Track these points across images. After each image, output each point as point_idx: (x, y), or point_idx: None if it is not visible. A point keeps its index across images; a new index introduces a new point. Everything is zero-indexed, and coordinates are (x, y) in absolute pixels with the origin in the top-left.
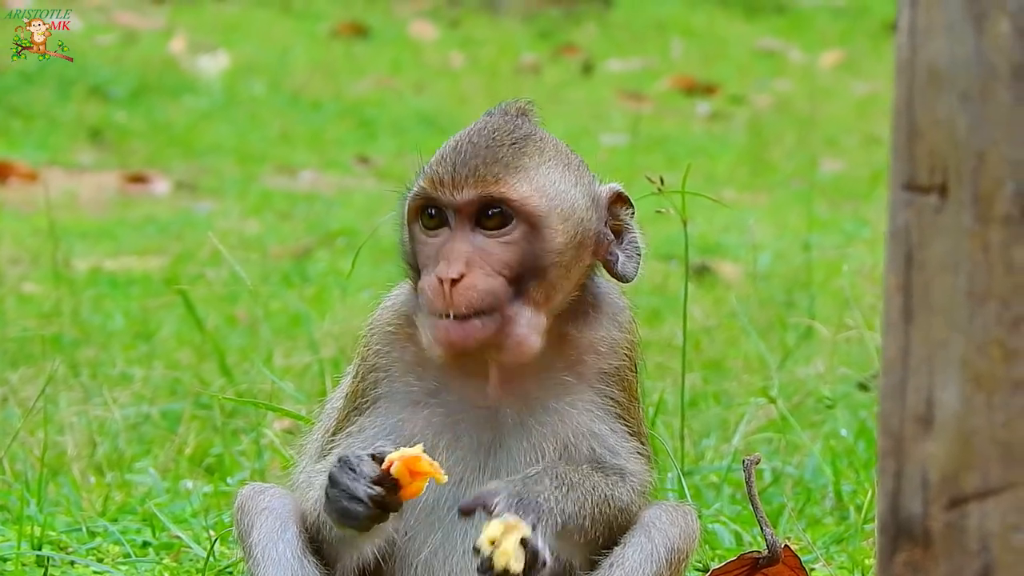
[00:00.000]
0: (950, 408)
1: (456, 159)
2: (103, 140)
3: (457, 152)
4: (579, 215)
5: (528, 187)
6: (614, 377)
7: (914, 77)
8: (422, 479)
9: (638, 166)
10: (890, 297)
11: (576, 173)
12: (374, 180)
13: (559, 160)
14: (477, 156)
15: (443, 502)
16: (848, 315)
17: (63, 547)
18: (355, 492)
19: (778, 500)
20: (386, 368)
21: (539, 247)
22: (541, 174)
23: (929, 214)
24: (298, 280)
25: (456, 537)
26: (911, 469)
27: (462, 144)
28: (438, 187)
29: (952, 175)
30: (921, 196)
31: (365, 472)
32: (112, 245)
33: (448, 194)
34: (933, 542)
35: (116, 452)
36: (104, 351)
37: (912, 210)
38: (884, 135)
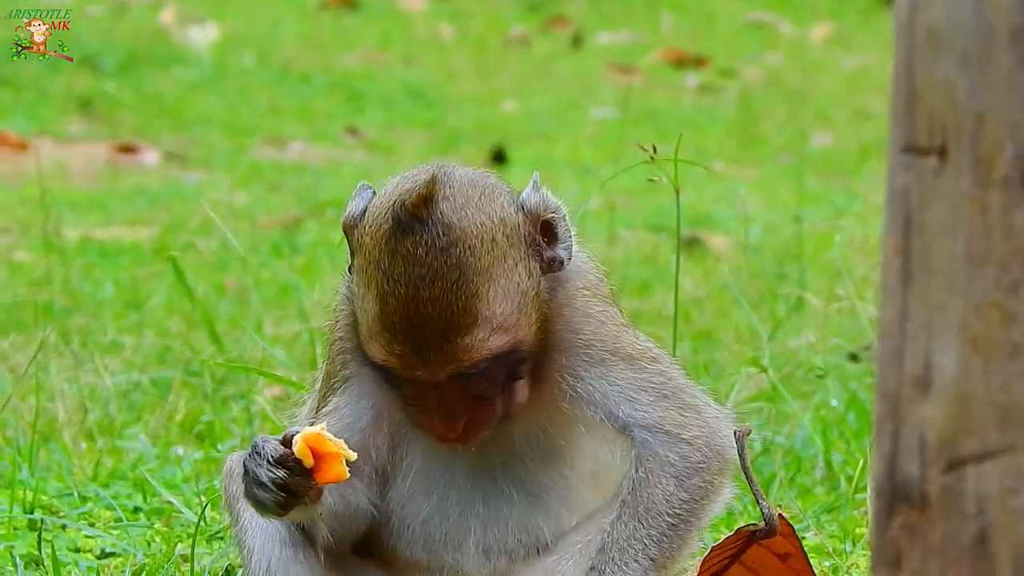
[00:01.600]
0: (948, 372)
1: (417, 341)
2: (93, 111)
3: (415, 333)
4: (530, 293)
5: (493, 337)
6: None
7: (913, 39)
8: (336, 461)
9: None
10: (888, 260)
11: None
12: (363, 152)
13: (491, 255)
14: (438, 334)
15: (435, 469)
16: (839, 286)
17: (55, 511)
18: (259, 476)
19: (769, 469)
20: (353, 351)
21: (515, 355)
22: (494, 301)
23: (928, 177)
24: (287, 250)
25: (451, 501)
26: (908, 432)
27: (415, 321)
28: (412, 372)
29: (952, 137)
30: (920, 158)
31: (267, 453)
32: (102, 215)
33: (427, 378)
34: (930, 505)
35: (107, 418)
36: (95, 319)
37: (911, 173)
38: (874, 109)
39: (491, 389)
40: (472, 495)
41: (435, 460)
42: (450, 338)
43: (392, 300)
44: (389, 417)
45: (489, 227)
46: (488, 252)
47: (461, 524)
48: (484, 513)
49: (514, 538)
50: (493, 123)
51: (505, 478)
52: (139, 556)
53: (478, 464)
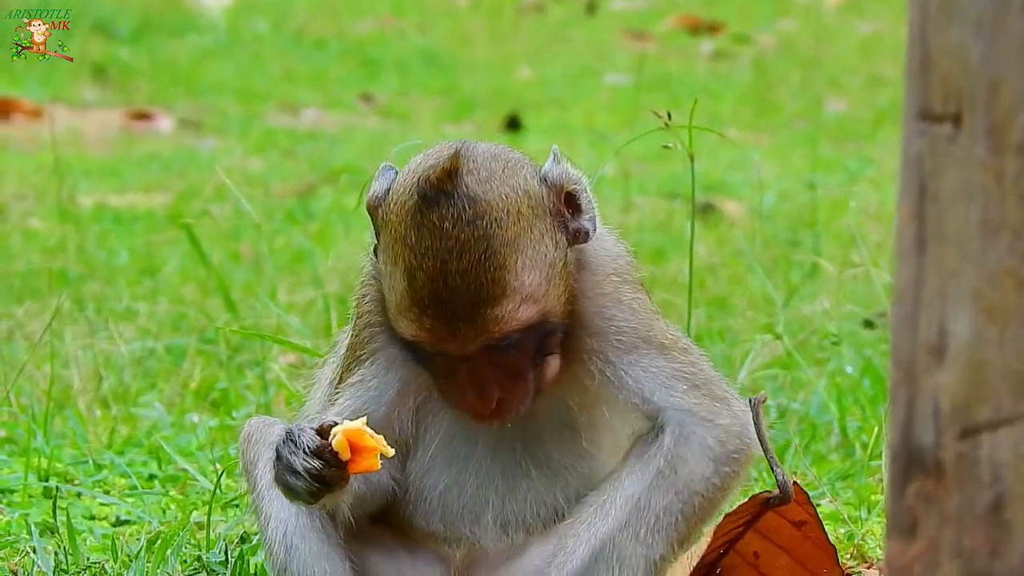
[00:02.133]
0: (962, 339)
1: (447, 313)
2: (107, 77)
3: (444, 305)
4: (558, 263)
5: (523, 307)
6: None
7: (927, 5)
8: (372, 454)
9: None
10: (903, 227)
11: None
12: (377, 118)
13: (522, 228)
14: (468, 305)
15: (456, 441)
16: (854, 253)
17: (70, 479)
18: (293, 465)
19: (784, 436)
20: (381, 324)
21: (544, 327)
22: (523, 271)
23: (943, 143)
24: (302, 217)
25: (470, 474)
26: (923, 399)
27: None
28: (440, 344)
29: (966, 104)
30: (935, 125)
31: (304, 444)
32: (116, 182)
33: (457, 351)
34: (945, 472)
35: (122, 386)
36: (109, 286)
37: (926, 139)
38: (888, 75)
39: (523, 363)
40: (491, 469)
41: (457, 434)
42: (480, 310)
43: (420, 274)
44: (415, 390)
45: (514, 199)
46: (514, 223)
47: (479, 497)
48: (503, 487)
49: (532, 512)
50: (507, 89)
51: (525, 453)
52: (154, 523)
53: (499, 439)
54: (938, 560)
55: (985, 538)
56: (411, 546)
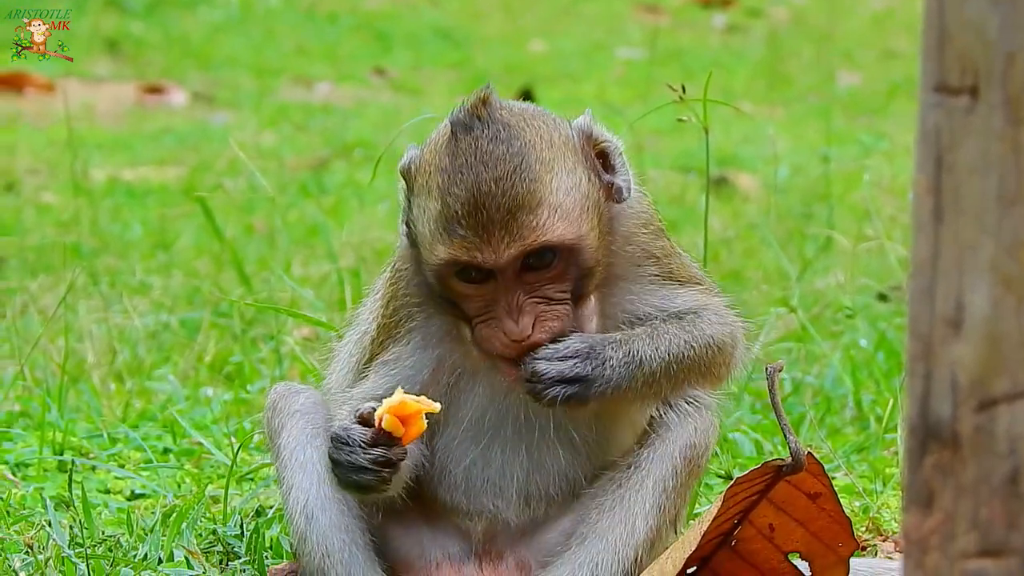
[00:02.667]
0: (980, 311)
1: (482, 217)
2: (120, 51)
3: (477, 209)
4: (592, 198)
5: (559, 222)
6: (643, 258)
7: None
8: (417, 418)
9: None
10: (920, 200)
11: (568, 153)
12: (390, 93)
13: (556, 156)
14: (499, 208)
15: (486, 420)
16: (867, 226)
17: (84, 453)
18: (357, 463)
19: (799, 410)
20: (419, 305)
21: (582, 261)
22: (558, 192)
23: (960, 116)
24: (315, 191)
25: (495, 450)
26: (940, 372)
27: (476, 196)
28: (474, 252)
29: (983, 77)
30: (951, 98)
31: (357, 440)
32: (129, 155)
33: (491, 258)
34: (962, 445)
35: (136, 360)
36: (123, 260)
37: (942, 112)
38: (902, 48)
39: (559, 294)
40: (517, 446)
41: (486, 411)
42: (514, 215)
43: (455, 189)
44: (449, 368)
45: (546, 131)
46: (547, 148)
47: (504, 472)
48: (528, 463)
49: (555, 486)
50: (520, 63)
51: (552, 431)
52: (169, 497)
53: (527, 417)
54: (954, 532)
55: (1002, 510)
56: (432, 519)
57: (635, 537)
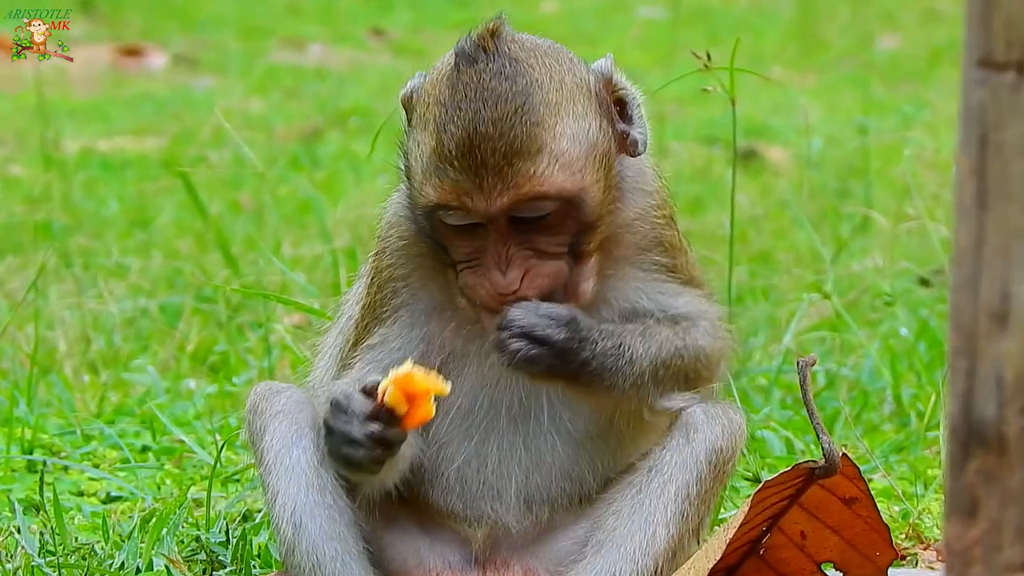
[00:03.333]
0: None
1: (475, 160)
2: (94, 10)
3: (471, 150)
4: (601, 148)
5: (558, 171)
6: (651, 244)
7: None
8: (425, 400)
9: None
10: (962, 182)
11: (580, 96)
12: (389, 55)
13: (565, 98)
14: (495, 152)
15: (477, 408)
16: (908, 204)
17: (56, 451)
18: (350, 435)
19: (833, 405)
20: (404, 278)
21: (581, 214)
22: (561, 138)
23: (1006, 93)
24: (307, 163)
25: (491, 446)
26: (984, 369)
27: (472, 137)
28: (463, 197)
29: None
30: (997, 74)
31: (356, 410)
32: (105, 124)
33: (481, 204)
34: (1008, 448)
35: (112, 349)
36: (98, 239)
37: (987, 89)
38: (945, 9)
39: (554, 250)
40: (513, 441)
41: (477, 398)
42: (510, 162)
43: (451, 127)
44: (439, 348)
45: (558, 69)
46: (556, 90)
47: (501, 471)
48: (526, 460)
49: (557, 487)
50: (532, 24)
51: (548, 422)
52: (148, 500)
53: (521, 406)
54: (1000, 543)
55: None
56: (429, 526)
57: (655, 546)
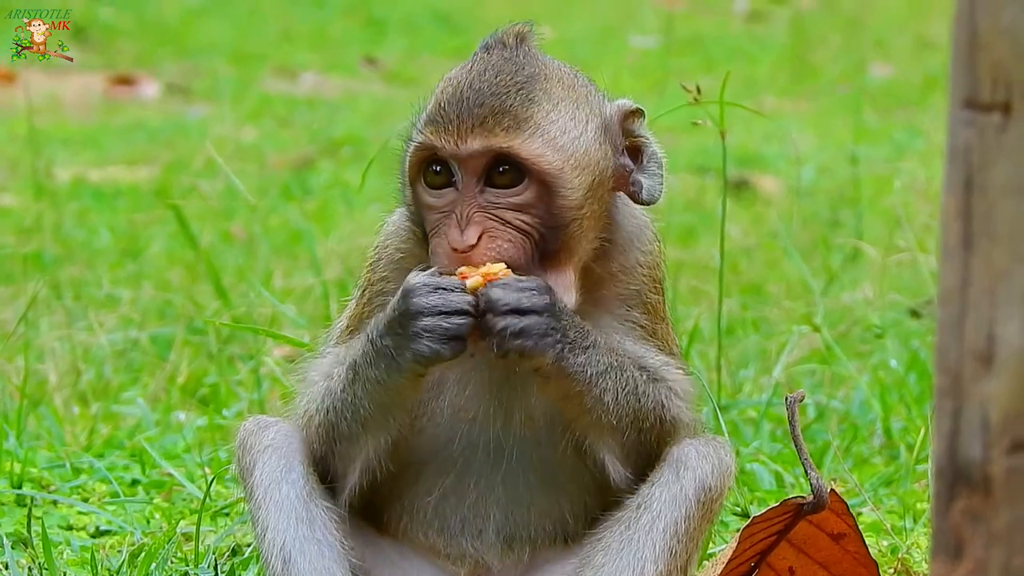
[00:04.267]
0: (1013, 344)
1: (460, 106)
2: (87, 38)
3: (459, 98)
4: (594, 159)
5: (540, 142)
6: (634, 301)
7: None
8: None
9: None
10: (948, 223)
11: (586, 108)
12: (382, 83)
13: (568, 100)
14: (482, 104)
15: (457, 441)
16: (899, 235)
17: (45, 485)
18: (453, 305)
19: (822, 437)
20: (394, 292)
21: (555, 205)
22: (552, 123)
23: (992, 134)
24: (299, 193)
25: (468, 481)
26: (970, 409)
27: (463, 89)
28: (441, 135)
29: (1017, 91)
30: (983, 115)
31: (453, 285)
32: (97, 153)
33: (452, 143)
34: (994, 488)
35: (102, 381)
36: (89, 270)
37: (973, 129)
38: (938, 36)
39: (520, 220)
40: (492, 477)
41: (457, 430)
42: (495, 114)
43: (449, 88)
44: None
45: (570, 79)
46: (562, 90)
47: (479, 508)
48: (504, 497)
49: (538, 525)
50: None
51: (526, 460)
52: (137, 534)
53: (499, 442)
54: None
55: None
56: (416, 561)
57: None
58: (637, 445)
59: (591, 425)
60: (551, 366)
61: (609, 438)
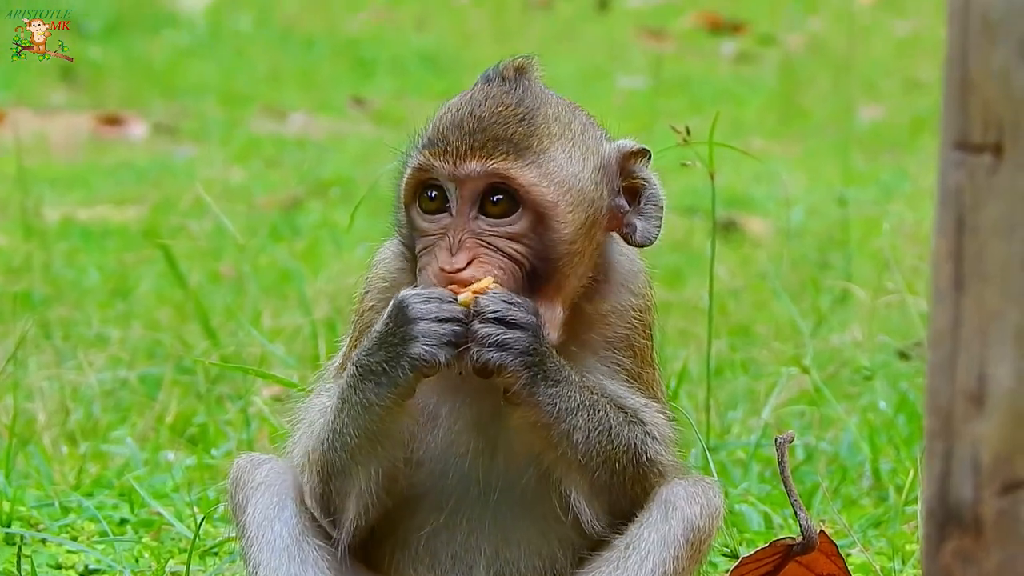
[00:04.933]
0: (1004, 385)
1: (460, 130)
2: (76, 78)
3: (459, 123)
4: (589, 197)
5: (536, 173)
6: (621, 343)
7: (968, 25)
8: None
9: (659, 112)
10: (939, 264)
11: (583, 146)
12: (370, 124)
13: (567, 134)
14: (483, 130)
15: (449, 478)
16: (888, 277)
17: (34, 524)
18: (448, 312)
19: (811, 479)
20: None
21: (547, 238)
22: (550, 157)
23: (982, 175)
24: (288, 233)
25: (460, 517)
26: (961, 451)
27: (464, 115)
28: (440, 157)
29: (1008, 133)
30: (974, 156)
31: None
32: (85, 193)
33: (451, 165)
34: (985, 530)
35: (91, 420)
36: (78, 309)
37: (964, 171)
38: (927, 79)
39: (512, 248)
40: (482, 514)
41: (450, 465)
42: (495, 140)
43: (448, 114)
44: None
45: (570, 115)
46: (563, 125)
47: (470, 544)
48: (495, 535)
49: (527, 563)
50: None
51: (514, 496)
52: (126, 573)
53: (490, 479)
54: None
55: None
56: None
57: None
58: (611, 486)
59: (558, 460)
60: (523, 390)
61: (577, 475)
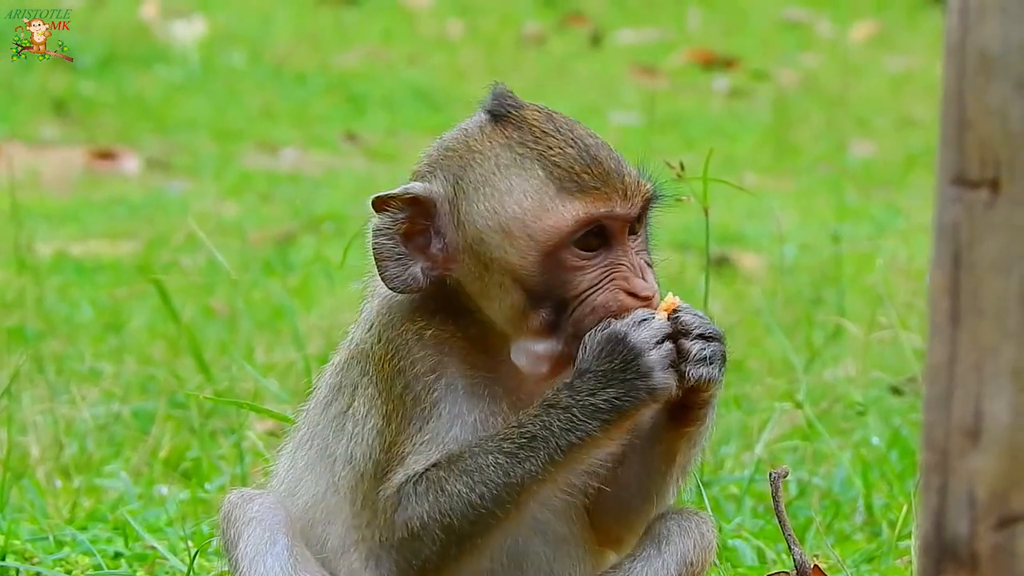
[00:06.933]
0: (1000, 420)
1: (608, 165)
2: (68, 113)
3: (599, 160)
4: None
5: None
6: None
7: (964, 62)
8: None
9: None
10: (936, 299)
11: None
12: (363, 159)
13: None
14: (618, 159)
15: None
16: (881, 313)
17: (28, 557)
18: (662, 332)
19: (805, 514)
20: (434, 369)
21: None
22: None
23: (979, 211)
24: (281, 268)
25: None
26: (957, 486)
27: (596, 154)
28: (612, 205)
29: (1004, 169)
30: (971, 191)
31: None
32: (78, 228)
33: (627, 203)
34: (981, 565)
35: (84, 454)
36: (71, 344)
37: (961, 206)
38: (920, 116)
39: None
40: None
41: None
42: (627, 164)
43: (557, 147)
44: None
45: None
46: None
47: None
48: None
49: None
50: None
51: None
52: None
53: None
54: None
55: None
56: None
57: None
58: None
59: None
60: (712, 399)
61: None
